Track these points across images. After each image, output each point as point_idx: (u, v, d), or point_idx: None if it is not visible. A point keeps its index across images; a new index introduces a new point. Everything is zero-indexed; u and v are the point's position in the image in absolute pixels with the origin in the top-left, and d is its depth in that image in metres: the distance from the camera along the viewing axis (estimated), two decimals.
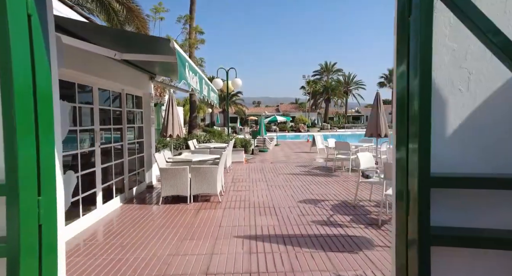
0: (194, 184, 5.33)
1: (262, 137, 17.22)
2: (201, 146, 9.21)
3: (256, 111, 55.93)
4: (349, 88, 54.01)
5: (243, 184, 6.94)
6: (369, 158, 5.29)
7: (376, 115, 7.45)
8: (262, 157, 13.46)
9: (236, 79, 11.11)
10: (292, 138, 29.70)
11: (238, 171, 8.88)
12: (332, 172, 8.51)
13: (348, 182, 7.06)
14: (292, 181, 7.29)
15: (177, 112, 7.59)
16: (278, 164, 10.18)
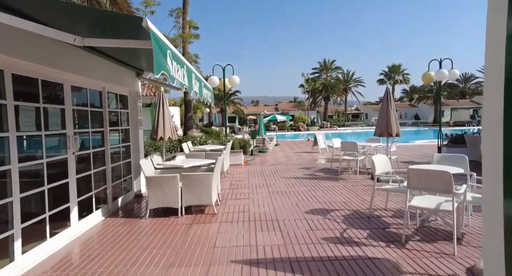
0: (186, 194, 4.68)
1: (262, 137, 16.58)
2: (196, 148, 8.55)
3: (254, 110, 55.26)
4: (348, 85, 53.42)
5: (242, 191, 6.29)
6: (385, 162, 4.65)
7: (387, 113, 6.81)
8: (262, 158, 12.82)
9: (234, 76, 10.45)
10: (292, 137, 29.06)
11: (237, 175, 8.23)
12: (338, 174, 7.87)
13: (357, 187, 6.42)
14: (296, 186, 6.65)
15: (168, 112, 6.92)
16: (279, 166, 9.54)
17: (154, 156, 5.66)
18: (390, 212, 4.63)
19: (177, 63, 2.93)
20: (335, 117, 53.28)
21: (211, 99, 5.89)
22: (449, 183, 3.15)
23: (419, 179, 3.39)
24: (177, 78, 2.84)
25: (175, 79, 2.77)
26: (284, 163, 10.67)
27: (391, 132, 6.76)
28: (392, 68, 49.80)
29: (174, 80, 2.73)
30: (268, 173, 8.42)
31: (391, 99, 6.92)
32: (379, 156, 4.62)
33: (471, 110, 45.71)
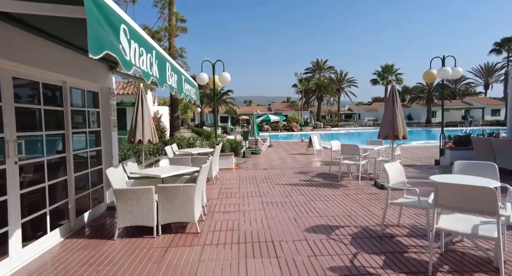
0: (163, 210, 3.90)
1: (255, 138, 15.85)
2: (182, 151, 7.75)
3: (247, 110, 54.48)
4: (341, 85, 53.13)
5: (231, 201, 5.53)
6: (399, 171, 3.96)
7: (392, 113, 6.14)
8: (254, 161, 12.09)
9: (224, 73, 9.67)
10: (285, 138, 28.42)
11: (227, 181, 7.45)
12: (338, 180, 7.18)
13: (361, 195, 5.73)
14: (292, 195, 5.92)
15: (149, 112, 6.10)
16: (273, 171, 8.81)
17: (128, 162, 4.86)
18: (405, 230, 3.94)
19: (139, 44, 2.16)
20: (328, 118, 52.95)
21: (196, 96, 5.11)
22: (493, 202, 2.47)
23: (451, 196, 2.70)
24: (136, 64, 2.07)
25: (133, 66, 2.00)
26: (278, 166, 9.95)
27: (397, 135, 6.10)
28: (386, 68, 49.66)
29: (130, 66, 1.96)
30: (261, 178, 7.68)
31: (397, 98, 6.26)
32: (392, 164, 3.92)
33: (462, 110, 45.91)
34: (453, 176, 3.53)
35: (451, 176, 3.53)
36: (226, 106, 40.58)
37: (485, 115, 44.68)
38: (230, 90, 40.76)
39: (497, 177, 3.57)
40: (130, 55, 1.98)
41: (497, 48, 43.50)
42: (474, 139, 8.03)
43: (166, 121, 22.22)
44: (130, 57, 2.00)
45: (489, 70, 49.16)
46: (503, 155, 7.20)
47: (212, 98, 39.46)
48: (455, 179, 3.35)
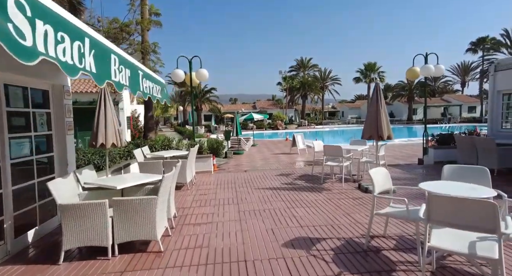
0: (119, 227, 3.36)
1: (237, 137, 15.35)
2: (154, 155, 7.15)
3: (232, 108, 53.76)
4: (325, 83, 53.40)
5: (205, 211, 5.03)
6: (386, 177, 3.60)
7: (376, 112, 5.82)
8: (236, 162, 11.62)
9: (201, 69, 9.10)
10: (270, 136, 28.08)
11: (203, 186, 6.94)
12: (320, 183, 6.82)
13: (344, 201, 5.38)
14: (272, 201, 5.50)
15: (113, 112, 5.47)
16: (254, 174, 8.36)
17: (83, 170, 4.26)
18: (391, 241, 3.59)
19: (64, 30, 1.62)
20: (312, 115, 53.11)
21: (163, 95, 4.57)
22: (494, 219, 2.11)
23: (446, 210, 2.33)
24: (46, 51, 1.54)
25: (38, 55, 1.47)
26: (261, 168, 9.52)
27: (381, 135, 5.78)
28: (368, 66, 50.32)
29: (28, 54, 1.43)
30: (241, 182, 7.21)
31: (381, 96, 5.94)
32: (378, 171, 3.56)
33: (441, 107, 47.22)
34: (443, 183, 3.19)
35: (442, 184, 3.20)
36: (209, 104, 39.76)
37: (462, 112, 46.17)
38: (214, 88, 39.95)
39: (489, 183, 3.27)
40: (48, 44, 1.44)
41: (473, 47, 44.91)
42: (457, 138, 7.90)
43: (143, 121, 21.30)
44: (36, 42, 1.47)
45: (465, 68, 50.80)
46: (485, 154, 7.09)
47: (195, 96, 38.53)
48: (446, 187, 3.01)
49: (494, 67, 8.67)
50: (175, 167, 4.18)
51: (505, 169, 7.02)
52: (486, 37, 42.99)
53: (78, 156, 6.49)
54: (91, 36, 2.08)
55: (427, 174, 7.61)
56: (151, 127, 11.05)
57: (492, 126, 8.79)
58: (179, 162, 4.67)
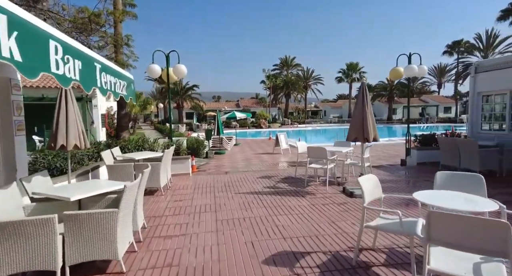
0: (72, 246, 2.85)
1: (219, 136, 14.85)
2: (125, 156, 6.55)
3: (215, 106, 52.91)
4: (308, 82, 53.66)
5: (179, 220, 4.57)
6: (376, 184, 3.30)
7: (362, 113, 5.57)
8: (217, 162, 11.16)
9: (179, 65, 8.54)
10: (253, 135, 27.73)
11: (180, 190, 6.44)
12: (304, 186, 6.52)
13: (329, 206, 5.09)
14: (253, 207, 5.11)
15: (75, 110, 4.86)
16: (235, 176, 7.94)
17: (34, 177, 3.68)
18: (382, 255, 3.30)
19: None
20: (295, 114, 53.28)
21: (129, 92, 4.05)
22: (506, 241, 1.83)
23: (449, 229, 2.03)
24: None
25: None
26: (242, 169, 9.12)
27: (367, 137, 5.54)
28: (350, 66, 51.02)
29: None
30: (220, 185, 6.78)
31: (367, 96, 5.69)
32: (368, 178, 3.24)
33: (419, 108, 48.71)
34: (439, 194, 2.92)
35: (437, 194, 2.93)
36: (191, 102, 38.81)
37: (439, 112, 47.87)
38: (196, 85, 39.02)
39: (484, 192, 3.04)
40: None
41: (449, 50, 46.55)
42: (440, 140, 7.86)
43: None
44: None
45: (442, 70, 52.66)
46: (467, 156, 7.05)
47: (177, 93, 37.51)
48: (443, 198, 2.73)
49: (474, 69, 8.72)
50: (142, 174, 3.70)
51: (486, 171, 7.00)
52: (461, 41, 44.65)
53: (38, 159, 5.82)
54: (10, 13, 1.59)
55: (411, 176, 7.51)
56: (124, 126, 10.33)
57: (472, 128, 8.85)
58: (148, 167, 4.18)
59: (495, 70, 8.13)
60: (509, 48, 39.19)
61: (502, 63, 7.90)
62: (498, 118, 8.35)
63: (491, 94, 8.43)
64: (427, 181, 6.71)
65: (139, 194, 3.69)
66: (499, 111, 8.32)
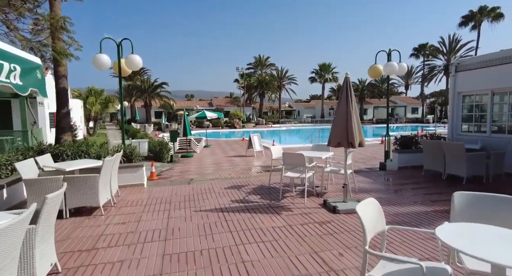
0: None
1: (186, 138, 13.54)
2: (56, 167, 5.15)
3: (187, 105, 50.92)
4: (282, 82, 53.35)
5: (112, 256, 3.38)
6: (378, 213, 2.37)
7: (346, 114, 4.71)
8: (183, 167, 9.95)
9: (132, 56, 7.23)
10: (227, 135, 26.55)
11: (126, 208, 5.20)
12: (279, 199, 5.57)
13: (309, 227, 4.16)
14: (216, 232, 4.05)
15: None
16: (199, 186, 6.81)
17: None
18: None
19: None
20: (270, 114, 52.75)
21: (28, 81, 2.81)
22: None
23: None
24: None
25: None
26: (210, 176, 8.00)
27: (352, 142, 4.69)
28: (323, 67, 51.37)
29: None
30: (179, 200, 5.63)
31: (352, 94, 4.85)
32: (368, 204, 2.30)
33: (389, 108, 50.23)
34: (470, 231, 2.04)
35: (469, 231, 2.05)
36: (160, 100, 36.69)
37: (407, 113, 49.70)
38: (165, 83, 36.97)
39: None
40: None
41: (415, 53, 48.44)
42: (424, 142, 7.30)
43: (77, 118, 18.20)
44: None
45: (409, 72, 54.81)
46: (454, 160, 6.51)
47: (144, 91, 35.23)
48: (482, 243, 1.86)
49: (455, 68, 8.31)
50: (46, 200, 2.50)
51: (471, 176, 6.50)
52: (426, 44, 46.60)
53: None
54: None
55: (396, 183, 6.84)
56: (65, 127, 8.73)
57: (452, 129, 8.45)
58: (63, 186, 2.98)
59: (476, 68, 7.75)
60: (469, 52, 41.52)
61: (484, 61, 7.52)
62: (479, 120, 7.99)
63: (472, 94, 8.06)
64: (416, 189, 6.06)
65: (37, 233, 2.49)
66: (480, 112, 7.97)
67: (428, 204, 5.09)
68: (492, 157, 6.30)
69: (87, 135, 20.98)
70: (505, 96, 7.37)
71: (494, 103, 7.56)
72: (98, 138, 22.59)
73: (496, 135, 7.45)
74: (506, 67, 7.02)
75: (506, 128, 7.22)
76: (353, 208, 4.75)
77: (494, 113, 7.58)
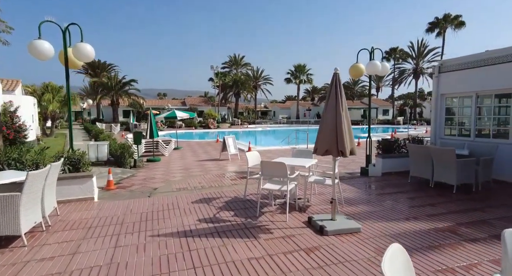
0: None
1: (153, 140, 12.30)
2: None
3: (158, 103, 48.61)
4: (257, 82, 52.77)
5: None
6: (408, 270, 1.59)
7: (335, 116, 3.98)
8: (147, 173, 8.84)
9: (82, 44, 6.03)
10: (201, 136, 25.30)
11: (62, 233, 4.07)
12: (256, 216, 4.73)
13: (294, 256, 3.35)
14: (174, 269, 3.10)
15: None
16: (161, 199, 5.79)
17: None
18: None
19: None
20: (245, 114, 51.91)
21: None
22: None
23: None
24: None
25: None
26: (177, 185, 6.97)
27: (343, 150, 3.96)
28: (298, 68, 51.50)
29: None
30: (135, 219, 4.59)
31: (342, 91, 4.12)
32: (396, 260, 1.52)
33: (361, 110, 51.50)
34: None
35: None
36: (129, 99, 34.43)
37: (378, 114, 51.18)
38: (134, 80, 34.74)
39: None
40: None
41: (386, 56, 50.03)
42: (411, 147, 6.83)
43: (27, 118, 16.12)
44: None
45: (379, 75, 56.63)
46: (443, 167, 6.05)
47: (111, 88, 32.85)
48: None
49: (438, 68, 7.99)
50: None
51: (460, 185, 6.07)
52: (396, 48, 48.27)
53: None
54: None
55: (385, 193, 6.26)
56: None
57: (435, 133, 8.12)
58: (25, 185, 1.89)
59: (460, 69, 7.44)
60: (435, 57, 43.53)
61: (468, 62, 7.22)
62: (463, 123, 7.71)
63: (456, 96, 7.76)
64: (407, 200, 5.49)
65: None
66: (462, 115, 7.69)
67: (424, 220, 4.50)
68: (481, 164, 5.92)
69: (41, 136, 18.79)
70: (489, 99, 7.11)
71: (478, 105, 7.29)
72: (56, 139, 20.40)
73: (480, 139, 7.17)
74: (491, 68, 6.73)
75: (490, 132, 6.95)
76: (344, 227, 4.03)
77: (478, 117, 7.30)
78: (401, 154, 7.81)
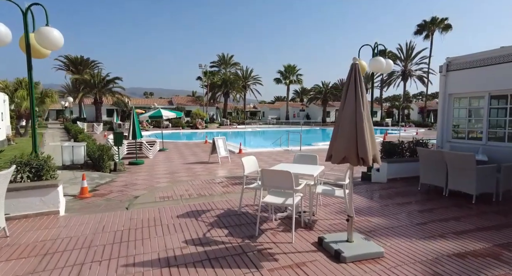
0: None
1: (135, 141, 11.30)
2: None
3: (144, 102, 47.07)
4: (247, 82, 52.00)
5: None
6: None
7: (355, 117, 3.26)
8: (128, 178, 7.91)
9: (46, 28, 5.09)
10: (189, 136, 24.25)
11: (3, 266, 3.17)
12: (255, 236, 3.94)
13: None
14: None
15: None
16: (142, 213, 4.90)
17: None
18: None
19: None
20: (234, 114, 51.01)
21: None
22: None
23: None
24: None
25: None
26: (160, 193, 6.09)
27: (365, 158, 3.24)
28: (288, 68, 51.06)
29: None
30: (106, 240, 3.72)
31: (362, 87, 3.40)
32: None
33: None
34: None
35: None
36: (113, 97, 32.90)
37: None
38: (118, 78, 33.23)
39: None
40: None
41: None
42: (422, 151, 6.21)
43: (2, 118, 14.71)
44: None
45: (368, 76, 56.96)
46: (460, 174, 5.44)
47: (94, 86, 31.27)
48: None
49: (446, 66, 7.45)
50: None
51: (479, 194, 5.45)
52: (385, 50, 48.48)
53: None
54: None
55: (399, 203, 5.60)
56: None
57: (442, 136, 7.57)
58: None
59: (471, 68, 6.91)
60: (423, 60, 44.03)
61: (480, 59, 6.69)
62: (473, 125, 7.19)
63: (466, 97, 7.23)
64: (424, 213, 4.84)
65: None
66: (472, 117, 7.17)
67: (453, 239, 3.84)
68: (503, 171, 5.36)
69: (14, 135, 17.32)
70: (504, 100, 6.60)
71: (492, 106, 6.77)
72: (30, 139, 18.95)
73: (493, 143, 6.65)
74: (506, 66, 6.21)
75: (506, 136, 6.43)
76: (365, 252, 3.21)
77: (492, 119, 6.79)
78: (407, 159, 7.22)
